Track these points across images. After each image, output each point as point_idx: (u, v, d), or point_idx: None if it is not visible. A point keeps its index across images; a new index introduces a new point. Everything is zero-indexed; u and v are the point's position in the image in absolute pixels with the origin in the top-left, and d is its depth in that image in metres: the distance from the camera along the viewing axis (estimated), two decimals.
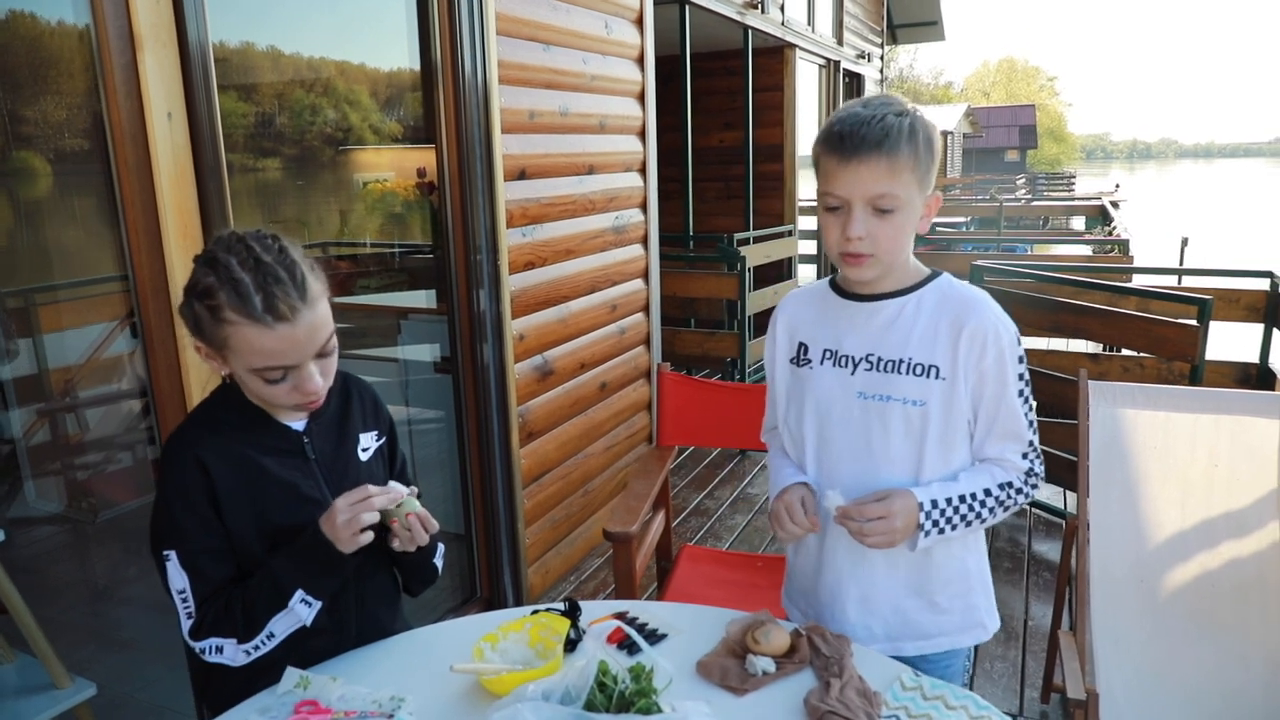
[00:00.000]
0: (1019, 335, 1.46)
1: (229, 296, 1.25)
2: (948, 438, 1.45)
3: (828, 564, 1.55)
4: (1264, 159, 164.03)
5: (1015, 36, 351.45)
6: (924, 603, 1.52)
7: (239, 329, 1.26)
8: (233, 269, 1.26)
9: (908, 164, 1.35)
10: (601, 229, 3.76)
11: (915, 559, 1.49)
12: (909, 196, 1.37)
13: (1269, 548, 2.43)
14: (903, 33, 12.39)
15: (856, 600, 1.53)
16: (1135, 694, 2.31)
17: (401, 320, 3.54)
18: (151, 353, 2.05)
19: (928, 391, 1.43)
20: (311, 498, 1.42)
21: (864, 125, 1.34)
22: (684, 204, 6.17)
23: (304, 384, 1.33)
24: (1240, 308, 4.03)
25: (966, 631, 1.56)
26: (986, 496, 1.45)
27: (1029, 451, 1.48)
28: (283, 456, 1.42)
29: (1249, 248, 20.41)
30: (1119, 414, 2.58)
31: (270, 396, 1.35)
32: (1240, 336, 4.19)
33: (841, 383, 1.49)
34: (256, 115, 2.71)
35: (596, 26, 3.61)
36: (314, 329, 1.31)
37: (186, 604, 1.35)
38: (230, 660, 1.35)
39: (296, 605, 1.34)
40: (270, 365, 1.29)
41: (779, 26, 6.95)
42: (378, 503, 1.34)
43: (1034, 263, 6.40)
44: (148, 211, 1.95)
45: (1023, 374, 1.46)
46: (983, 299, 1.45)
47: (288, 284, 1.27)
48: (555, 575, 3.63)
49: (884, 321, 1.47)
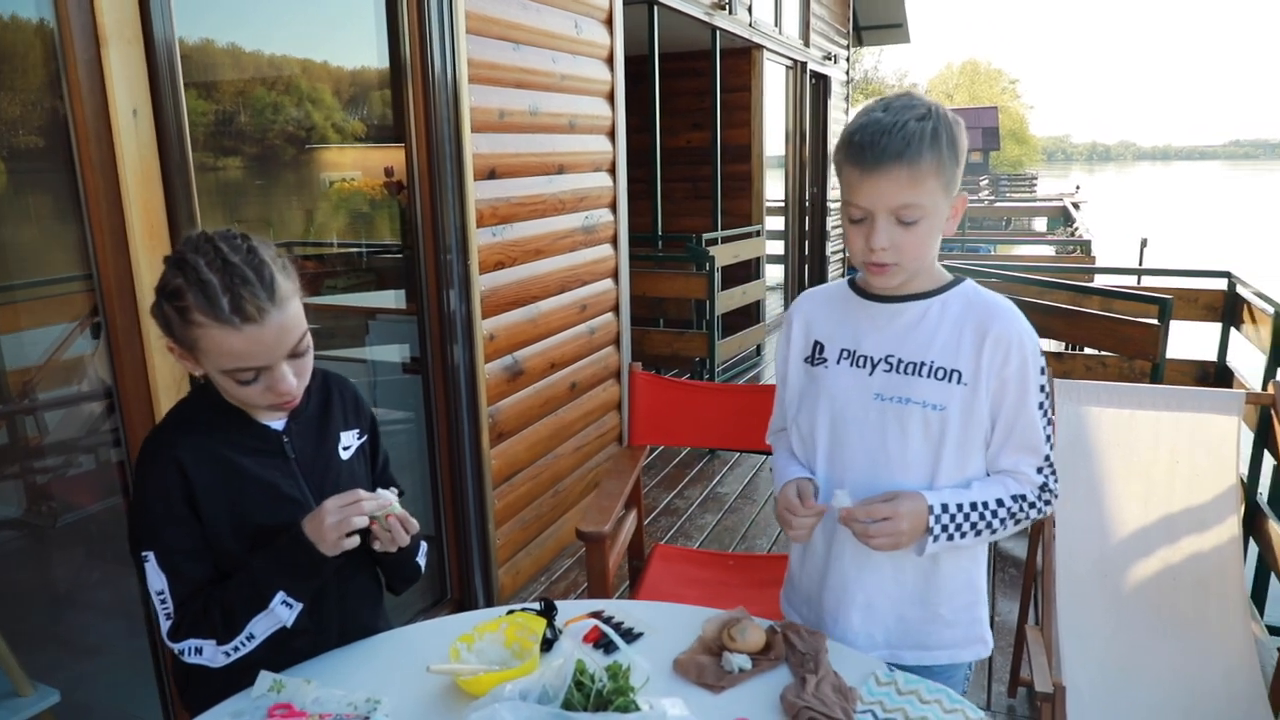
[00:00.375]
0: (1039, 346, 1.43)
1: (196, 298, 1.24)
2: (966, 444, 1.41)
3: (834, 569, 1.52)
4: (1219, 161, 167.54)
5: (978, 39, 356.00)
6: (928, 613, 1.49)
7: (207, 331, 1.25)
8: (201, 270, 1.24)
9: (930, 171, 1.30)
10: (571, 229, 3.76)
11: (923, 568, 1.47)
12: (933, 204, 1.33)
13: (1228, 542, 2.48)
14: (868, 35, 12.49)
15: (861, 606, 1.50)
16: (1099, 686, 2.35)
17: (369, 321, 3.51)
18: (117, 353, 2.02)
19: (949, 396, 1.39)
20: (291, 497, 1.41)
21: (884, 134, 1.29)
22: (652, 204, 6.18)
23: (277, 384, 1.31)
24: (1199, 307, 4.11)
25: (968, 646, 1.54)
26: (999, 507, 1.41)
27: (1044, 466, 1.44)
28: (262, 456, 1.41)
29: (1206, 248, 20.85)
30: (1083, 412, 2.62)
31: (244, 397, 1.34)
32: (1198, 335, 4.28)
33: (858, 383, 1.45)
34: (223, 113, 2.67)
35: (566, 26, 3.61)
36: (283, 330, 1.29)
37: (165, 605, 1.33)
38: (210, 661, 1.34)
39: (277, 606, 1.33)
40: (240, 367, 1.28)
41: (746, 28, 6.99)
42: (368, 507, 1.33)
43: (999, 263, 6.49)
44: (112, 210, 1.92)
45: (1044, 386, 1.42)
46: (1008, 306, 1.42)
47: (255, 285, 1.26)
48: (526, 576, 3.62)
49: (906, 324, 1.43)
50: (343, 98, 3.13)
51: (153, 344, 2.00)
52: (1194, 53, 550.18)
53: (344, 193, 3.34)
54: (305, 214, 3.45)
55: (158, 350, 2.00)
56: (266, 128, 2.90)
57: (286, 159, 3.11)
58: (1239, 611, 2.42)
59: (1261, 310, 3.59)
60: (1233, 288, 3.98)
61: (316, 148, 3.18)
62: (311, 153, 3.18)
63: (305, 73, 2.94)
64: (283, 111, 2.92)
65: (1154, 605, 2.47)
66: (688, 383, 2.83)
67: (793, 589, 1.66)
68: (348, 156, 3.36)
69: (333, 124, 3.14)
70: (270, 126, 2.91)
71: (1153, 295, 3.62)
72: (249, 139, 2.83)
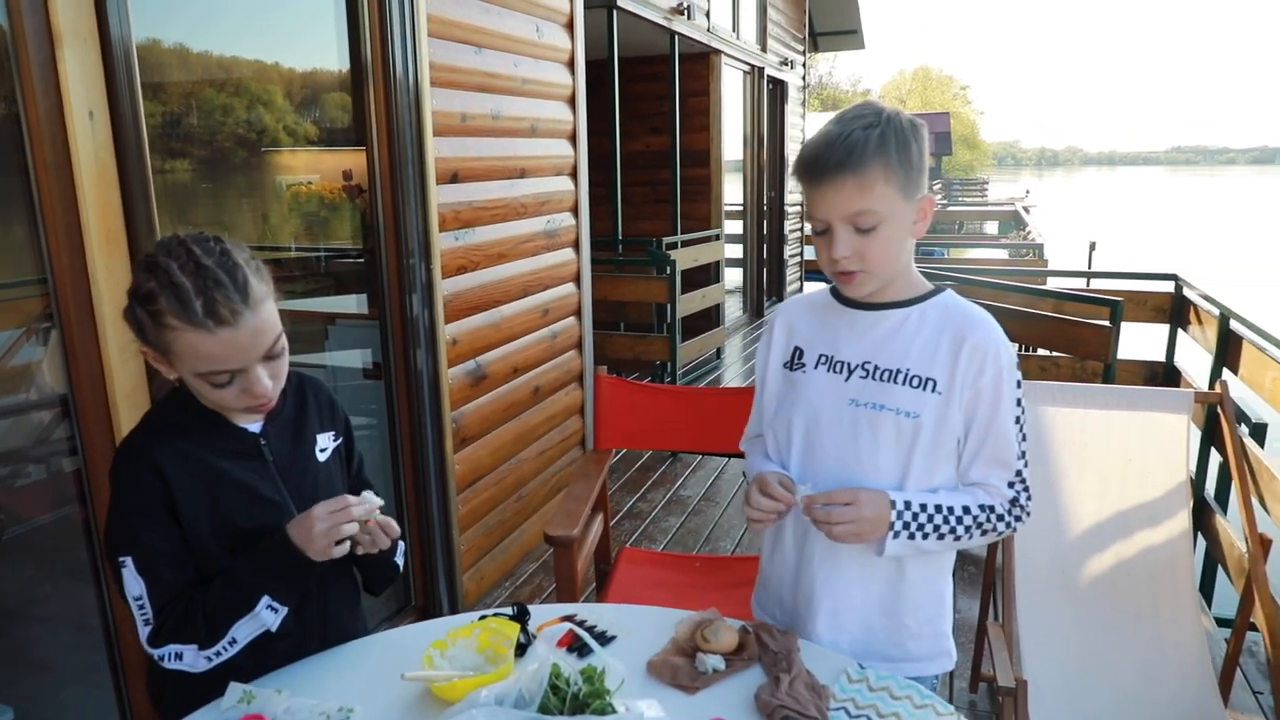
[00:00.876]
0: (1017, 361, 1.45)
1: (169, 302, 1.23)
2: (936, 453, 1.42)
3: (804, 574, 1.53)
4: (1162, 167, 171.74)
5: (930, 46, 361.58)
6: (894, 623, 1.50)
7: (181, 334, 1.24)
8: (173, 273, 1.23)
9: (878, 177, 1.31)
10: (533, 233, 3.75)
11: (890, 578, 1.48)
12: (889, 209, 1.33)
13: (1179, 536, 2.55)
14: (824, 40, 12.64)
15: (828, 613, 1.50)
16: (1058, 679, 2.40)
17: (329, 326, 3.47)
18: (73, 359, 1.97)
19: (922, 404, 1.40)
20: (271, 499, 1.40)
21: (830, 147, 1.32)
22: (613, 208, 6.20)
23: (252, 387, 1.30)
24: (1148, 309, 4.22)
25: (934, 659, 1.54)
26: (964, 514, 1.41)
27: (1016, 481, 1.45)
28: (239, 459, 1.39)
29: (1151, 252, 21.38)
30: (1039, 411, 2.67)
31: (219, 400, 1.32)
32: (1145, 336, 4.39)
33: (834, 388, 1.46)
34: (182, 116, 2.63)
35: (528, 30, 3.60)
36: (257, 332, 1.28)
37: (144, 610, 1.31)
38: (190, 666, 1.32)
39: (263, 611, 1.32)
40: (214, 370, 1.27)
41: (704, 33, 7.03)
42: (356, 513, 1.32)
43: (953, 267, 6.60)
44: (68, 213, 1.88)
45: (1019, 399, 1.43)
46: (986, 318, 1.44)
47: (229, 287, 1.25)
48: (490, 581, 3.60)
49: (885, 331, 1.45)
50: (302, 100, 3.09)
51: (110, 350, 1.96)
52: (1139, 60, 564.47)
53: (302, 196, 3.30)
54: (263, 217, 3.40)
55: (116, 356, 1.97)
56: (225, 131, 2.85)
57: (245, 162, 3.06)
58: (1190, 604, 2.49)
59: (1207, 312, 3.69)
60: (1180, 290, 4.09)
61: (275, 150, 3.14)
62: (270, 156, 3.14)
63: (264, 75, 2.90)
64: (241, 114, 2.88)
65: (1110, 599, 2.53)
66: (652, 386, 2.85)
67: (764, 591, 1.67)
68: (306, 160, 3.32)
69: (290, 127, 3.10)
70: (229, 129, 2.87)
71: (1104, 297, 3.71)
72: (207, 142, 2.79)
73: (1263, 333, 3.06)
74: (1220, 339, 3.42)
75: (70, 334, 1.95)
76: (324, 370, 3.49)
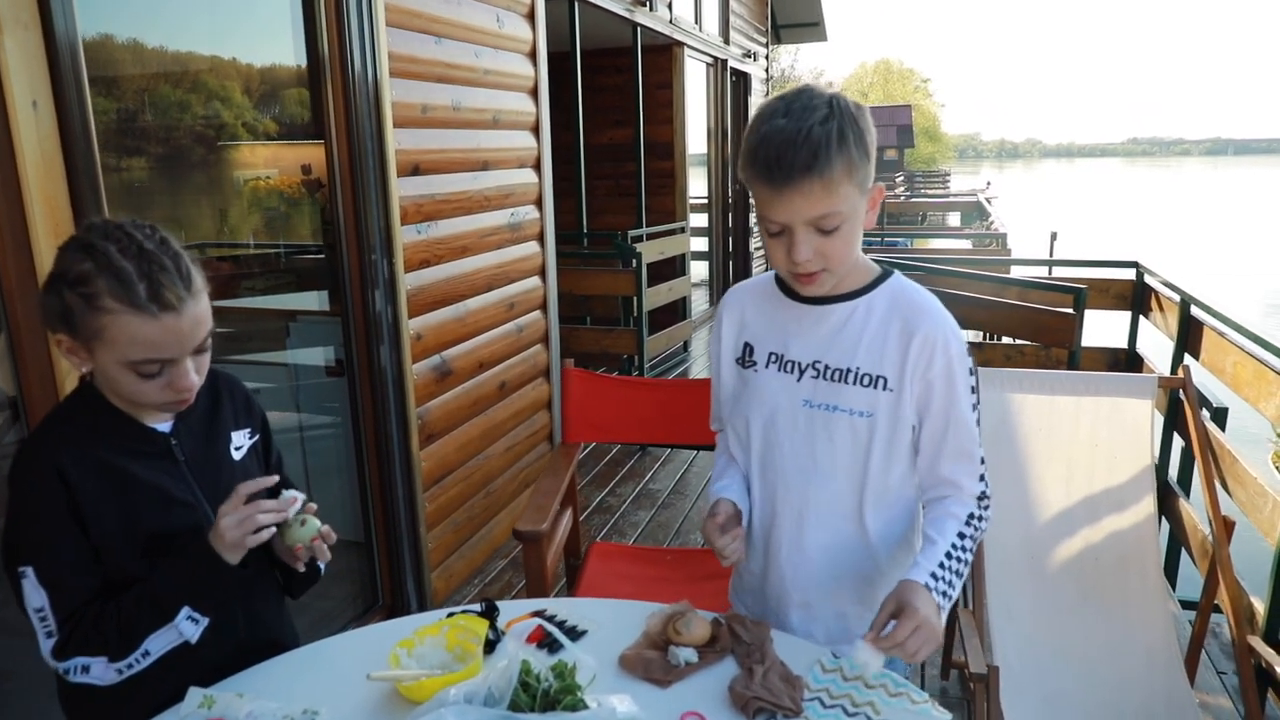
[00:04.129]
0: (968, 347, 1.42)
1: (110, 283, 1.18)
2: (892, 449, 1.41)
3: (772, 568, 1.51)
4: (1119, 158, 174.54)
5: (891, 39, 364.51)
6: (868, 610, 1.46)
7: (118, 318, 1.18)
8: (112, 256, 1.18)
9: (843, 176, 1.25)
10: (497, 225, 3.71)
11: (861, 568, 1.47)
12: (851, 207, 1.28)
13: (1145, 520, 2.57)
14: (786, 33, 12.66)
15: (799, 605, 1.50)
16: (1029, 663, 2.41)
17: (290, 323, 3.40)
18: (20, 358, 1.91)
19: (875, 403, 1.38)
20: (182, 500, 1.35)
21: (791, 148, 1.22)
22: (577, 201, 6.16)
23: (179, 380, 1.26)
24: (1110, 296, 4.26)
25: None
26: (961, 540, 1.40)
27: (981, 470, 1.44)
28: (149, 459, 1.34)
29: (1111, 241, 21.73)
30: (1006, 398, 2.69)
31: (139, 393, 1.26)
32: (1106, 324, 4.44)
33: (787, 389, 1.44)
34: (131, 110, 2.56)
35: (488, 20, 3.55)
36: (197, 322, 1.25)
37: (45, 622, 1.25)
38: (99, 679, 1.27)
39: (182, 622, 1.27)
40: (149, 358, 1.22)
41: (667, 25, 7.00)
42: (266, 506, 1.29)
43: (918, 257, 6.64)
44: (12, 206, 1.81)
45: (974, 386, 1.41)
46: (934, 306, 1.41)
47: (173, 273, 1.21)
48: (459, 579, 3.56)
49: (833, 326, 1.41)
50: (257, 94, 3.02)
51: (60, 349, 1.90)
52: (1097, 53, 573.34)
53: (260, 191, 3.23)
54: (220, 213, 3.32)
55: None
56: (177, 125, 2.78)
57: (198, 157, 2.99)
58: (1157, 587, 2.51)
59: (1168, 298, 3.73)
60: (1141, 277, 4.13)
61: (229, 145, 3.07)
62: (224, 150, 3.06)
63: (217, 68, 2.83)
64: (193, 108, 2.81)
65: (1079, 583, 2.55)
66: (621, 379, 2.82)
67: (740, 583, 1.65)
68: (264, 154, 3.25)
69: (245, 121, 3.03)
70: (180, 124, 2.79)
71: (1068, 285, 3.74)
72: (158, 137, 2.71)
73: (1223, 318, 3.09)
74: (1181, 324, 3.45)
75: (17, 331, 1.89)
76: (285, 369, 3.42)
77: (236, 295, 3.24)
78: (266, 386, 3.29)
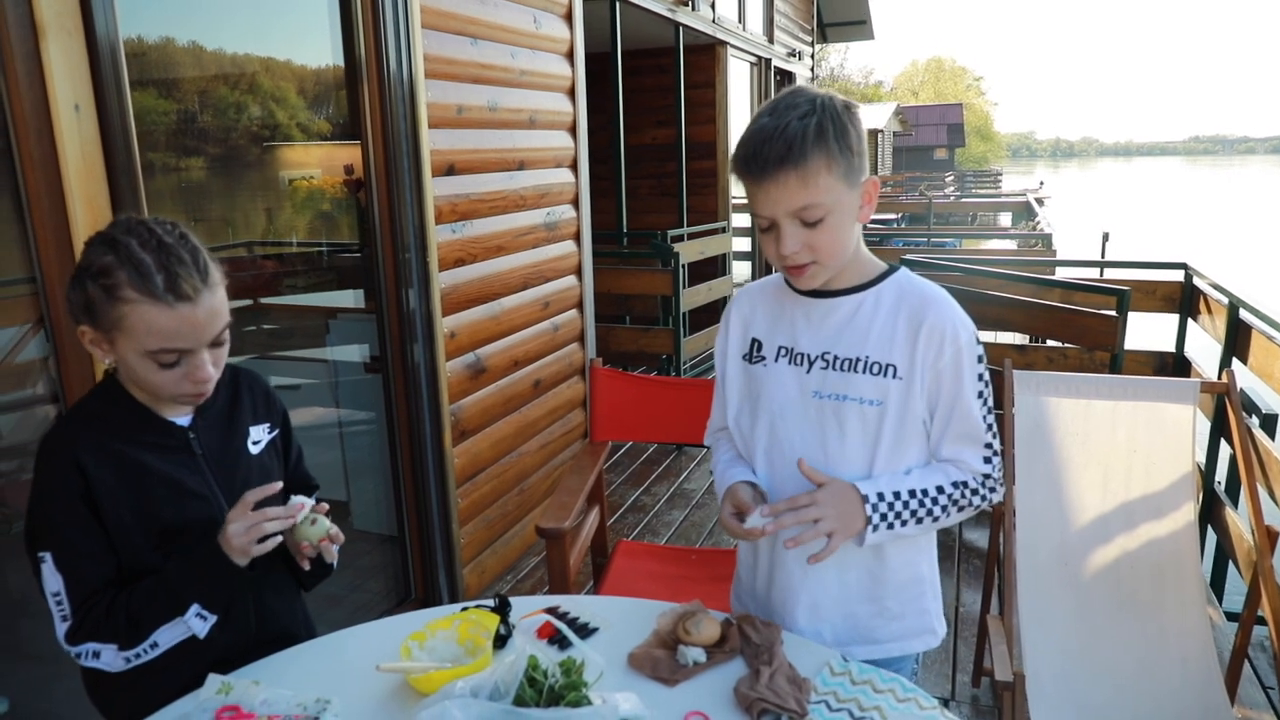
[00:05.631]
0: (978, 335, 1.42)
1: (130, 274, 1.23)
2: (902, 438, 1.41)
3: (779, 569, 1.51)
4: (1179, 157, 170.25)
5: (942, 37, 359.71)
6: (876, 608, 1.48)
7: (137, 308, 1.23)
8: (133, 249, 1.24)
9: (821, 168, 1.27)
10: (533, 225, 3.73)
11: (868, 566, 1.46)
12: (834, 199, 1.30)
13: (1184, 528, 2.51)
14: (832, 31, 12.56)
15: (807, 607, 1.49)
16: (1060, 673, 2.37)
17: (330, 320, 3.47)
18: (62, 355, 1.97)
19: (884, 391, 1.39)
20: (199, 493, 1.39)
21: (767, 142, 1.27)
22: (616, 201, 6.17)
23: (196, 371, 1.30)
24: (1157, 298, 4.16)
25: (917, 637, 1.52)
26: (939, 494, 1.40)
27: (987, 454, 1.44)
28: (167, 453, 1.38)
29: (1166, 243, 21.20)
30: (1043, 402, 2.64)
31: (159, 384, 1.31)
32: (1159, 327, 4.34)
33: (797, 381, 1.44)
34: (176, 112, 2.62)
35: (525, 21, 3.58)
36: (213, 313, 1.29)
37: (61, 606, 1.31)
38: (108, 666, 1.32)
39: (192, 618, 1.31)
40: (166, 348, 1.26)
41: (710, 24, 6.99)
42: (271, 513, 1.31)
43: (963, 257, 6.54)
44: (55, 208, 1.87)
45: (982, 374, 1.41)
46: (941, 296, 1.41)
47: (190, 265, 1.26)
48: (491, 575, 3.60)
49: (841, 319, 1.43)
50: (303, 96, 3.08)
51: None
52: (1156, 49, 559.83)
53: (303, 192, 3.30)
54: (264, 213, 3.40)
55: None
56: (220, 125, 2.85)
57: (246, 158, 3.06)
58: (1196, 597, 2.45)
59: (1217, 301, 3.64)
60: (1189, 279, 4.03)
61: (275, 146, 3.14)
62: (270, 152, 3.13)
63: (262, 70, 2.90)
64: (236, 110, 2.88)
65: (1113, 592, 2.49)
66: (649, 378, 2.82)
67: (740, 586, 1.65)
68: (307, 155, 3.31)
69: (294, 122, 3.09)
70: (224, 124, 2.86)
71: (1110, 287, 3.66)
72: (199, 137, 2.78)
73: (1273, 322, 3.00)
74: (1230, 328, 3.36)
75: (59, 330, 1.95)
76: (325, 365, 3.49)
77: (279, 293, 3.31)
78: (308, 382, 3.36)
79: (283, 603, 1.55)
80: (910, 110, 45.19)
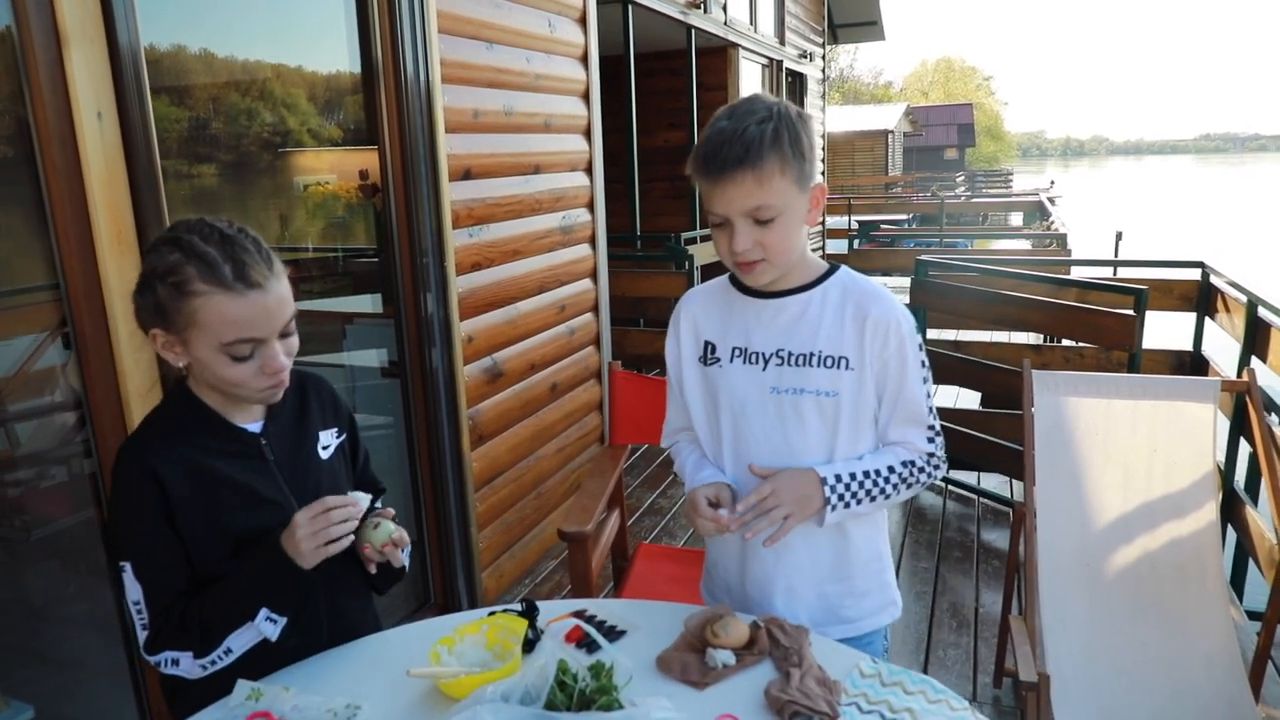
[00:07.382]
0: (916, 325, 1.52)
1: (199, 268, 1.24)
2: (858, 424, 1.50)
3: (752, 556, 1.57)
4: (1190, 155, 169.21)
5: (952, 37, 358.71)
6: (845, 587, 1.57)
7: (209, 299, 1.25)
8: (196, 244, 1.25)
9: (775, 171, 1.35)
10: (549, 229, 3.74)
11: (835, 544, 1.54)
12: (785, 201, 1.38)
13: (1206, 527, 2.50)
14: (843, 32, 12.55)
15: (783, 590, 1.56)
16: (1083, 674, 2.36)
17: (347, 325, 3.48)
18: (86, 362, 1.98)
19: (839, 382, 1.47)
20: (272, 500, 1.40)
21: (726, 144, 1.35)
22: (630, 204, 6.17)
23: (270, 363, 1.31)
24: (1174, 297, 4.14)
25: (884, 610, 1.62)
26: (890, 474, 1.49)
27: (930, 434, 1.53)
28: (239, 460, 1.39)
29: (1179, 241, 21.06)
30: (1062, 402, 2.63)
31: (235, 379, 1.31)
32: (1174, 326, 4.31)
33: (754, 379, 1.51)
34: (191, 119, 2.64)
35: (540, 25, 3.59)
36: (282, 300, 1.31)
37: (141, 615, 1.32)
38: (186, 673, 1.33)
39: (262, 623, 1.32)
40: (240, 338, 1.27)
41: (722, 26, 6.99)
42: (336, 516, 1.31)
43: (977, 257, 6.52)
44: (78, 215, 1.88)
45: (923, 360, 1.51)
46: (882, 291, 1.51)
47: (254, 254, 1.28)
48: (510, 579, 3.60)
49: (791, 317, 1.50)
50: (317, 101, 3.10)
51: (123, 352, 1.97)
52: (1166, 46, 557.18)
53: (319, 197, 3.31)
54: (280, 219, 3.41)
55: (129, 358, 1.97)
56: (237, 132, 2.86)
57: (262, 164, 3.07)
58: (1218, 597, 2.43)
59: (1235, 299, 3.62)
60: (1206, 278, 4.01)
61: (290, 151, 3.15)
62: (285, 157, 3.14)
63: (276, 76, 2.91)
64: (253, 116, 2.89)
65: (1135, 592, 2.48)
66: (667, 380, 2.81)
67: (711, 579, 1.71)
68: (322, 160, 3.32)
69: (309, 128, 3.10)
70: (241, 131, 2.87)
71: (1128, 286, 3.64)
72: (219, 143, 2.79)
73: None
74: (1248, 326, 3.35)
75: (83, 337, 1.96)
76: (343, 370, 3.49)
77: (296, 299, 3.31)
78: None
79: (356, 605, 1.56)
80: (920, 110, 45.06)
